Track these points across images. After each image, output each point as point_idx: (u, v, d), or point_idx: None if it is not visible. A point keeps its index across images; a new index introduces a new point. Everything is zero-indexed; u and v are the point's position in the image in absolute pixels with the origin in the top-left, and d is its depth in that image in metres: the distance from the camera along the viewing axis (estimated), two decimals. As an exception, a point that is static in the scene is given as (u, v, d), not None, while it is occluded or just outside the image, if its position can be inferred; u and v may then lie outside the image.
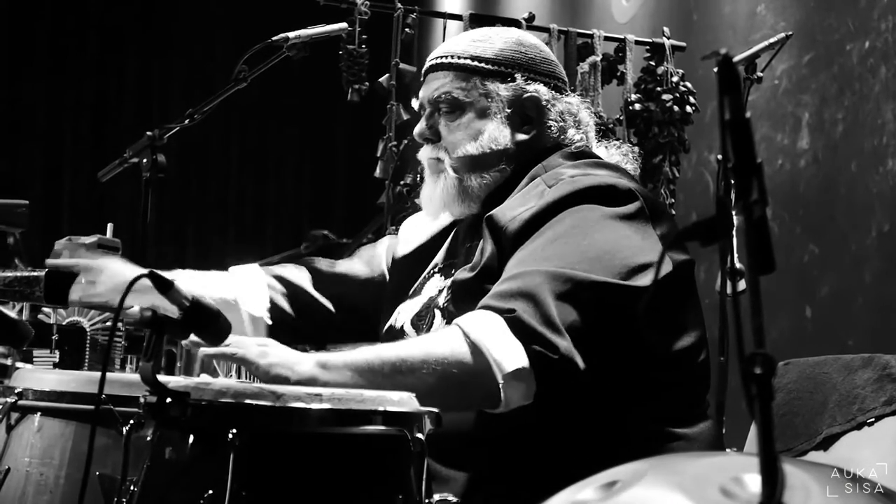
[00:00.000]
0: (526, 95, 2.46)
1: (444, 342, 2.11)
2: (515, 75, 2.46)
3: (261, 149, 9.00)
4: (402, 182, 4.16)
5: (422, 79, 2.57)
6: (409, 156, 4.50)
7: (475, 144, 2.44)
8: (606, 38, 5.00)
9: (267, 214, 8.95)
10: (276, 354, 2.07)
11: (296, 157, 9.06)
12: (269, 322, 2.63)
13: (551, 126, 2.47)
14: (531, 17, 4.91)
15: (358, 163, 6.56)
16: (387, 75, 4.68)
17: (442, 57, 2.49)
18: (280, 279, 2.69)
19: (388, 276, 2.69)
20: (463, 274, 2.34)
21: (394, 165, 4.42)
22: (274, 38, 3.13)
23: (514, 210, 2.29)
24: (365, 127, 5.97)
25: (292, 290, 2.68)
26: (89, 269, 2.26)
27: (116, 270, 2.23)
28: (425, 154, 2.51)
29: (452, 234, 2.58)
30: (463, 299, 2.28)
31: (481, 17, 5.01)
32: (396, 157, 4.55)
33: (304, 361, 2.06)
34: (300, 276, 2.71)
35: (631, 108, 4.91)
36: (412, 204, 4.30)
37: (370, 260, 2.75)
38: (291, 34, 3.21)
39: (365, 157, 5.05)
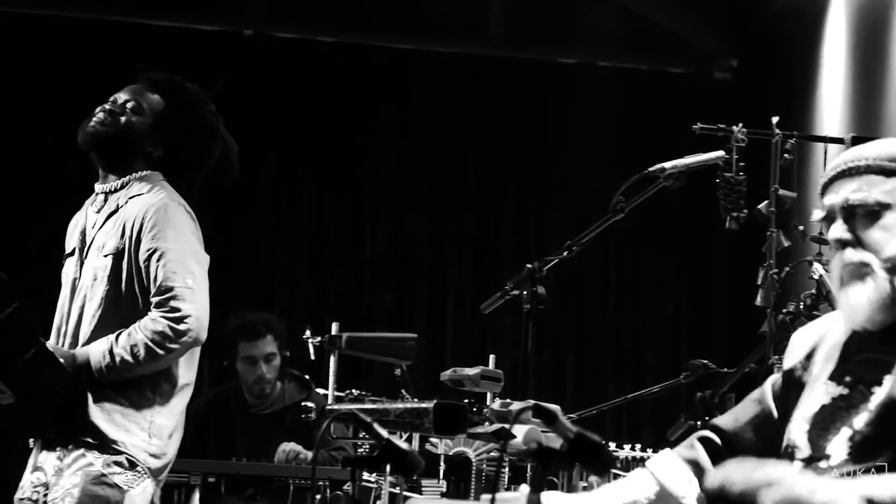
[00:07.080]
0: None
1: None
2: None
3: (638, 278, 9.00)
4: (784, 310, 4.06)
5: (821, 192, 2.54)
6: (790, 283, 4.38)
7: None
8: None
9: (645, 343, 8.92)
10: (825, 490, 2.07)
11: (674, 286, 9.01)
12: None
13: None
14: (917, 137, 4.73)
15: (737, 291, 6.45)
16: (766, 202, 4.60)
17: (852, 162, 2.47)
18: (691, 462, 2.61)
19: (775, 411, 2.62)
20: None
21: (776, 293, 4.31)
22: (651, 169, 3.15)
23: None
24: (744, 255, 5.87)
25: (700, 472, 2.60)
26: None
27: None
28: (847, 258, 2.44)
29: (843, 343, 2.50)
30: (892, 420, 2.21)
31: (864, 140, 4.86)
32: (778, 285, 4.45)
33: (849, 498, 2.05)
34: (698, 454, 2.64)
35: None
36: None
37: (761, 398, 2.68)
38: (668, 164, 3.22)
39: (745, 286, 4.95)
